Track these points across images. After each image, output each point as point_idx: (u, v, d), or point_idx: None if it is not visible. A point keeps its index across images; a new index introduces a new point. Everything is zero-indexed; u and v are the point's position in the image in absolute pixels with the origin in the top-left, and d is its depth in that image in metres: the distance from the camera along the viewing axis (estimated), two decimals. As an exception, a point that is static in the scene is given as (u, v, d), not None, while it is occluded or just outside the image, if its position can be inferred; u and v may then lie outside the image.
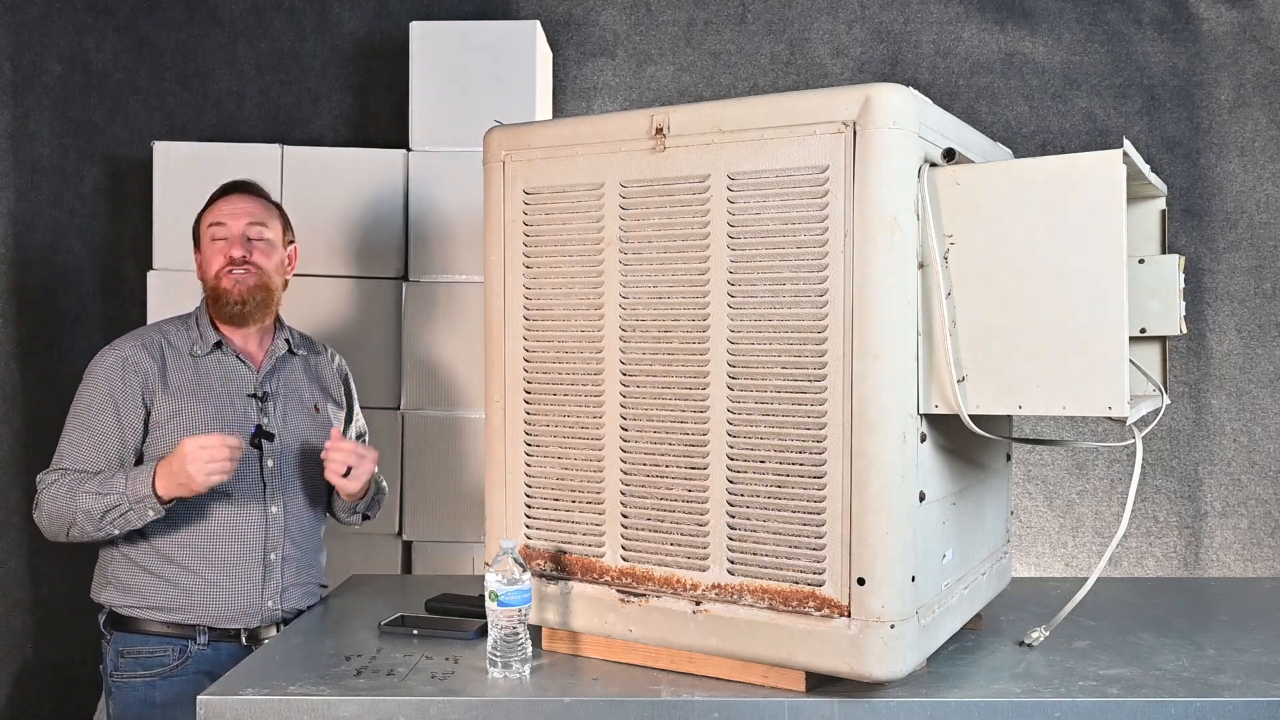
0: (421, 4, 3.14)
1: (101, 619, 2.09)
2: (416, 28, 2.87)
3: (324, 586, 2.23)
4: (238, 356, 2.15)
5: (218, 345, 2.14)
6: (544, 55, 2.99)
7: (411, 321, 2.83)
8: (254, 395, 2.13)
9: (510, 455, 1.72)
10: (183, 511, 2.03)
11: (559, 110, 3.16)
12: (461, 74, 2.84)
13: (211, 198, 2.20)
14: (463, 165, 2.82)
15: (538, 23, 2.88)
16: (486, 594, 1.58)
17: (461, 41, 2.85)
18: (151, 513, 1.92)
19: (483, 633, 1.70)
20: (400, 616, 1.85)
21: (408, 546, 2.85)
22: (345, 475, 2.06)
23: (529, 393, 1.70)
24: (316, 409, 2.21)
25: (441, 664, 1.64)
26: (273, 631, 2.10)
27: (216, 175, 2.29)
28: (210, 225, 2.16)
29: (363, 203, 2.85)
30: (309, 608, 2.13)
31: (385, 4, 3.16)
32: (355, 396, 2.37)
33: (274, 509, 2.10)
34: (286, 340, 2.22)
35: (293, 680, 1.56)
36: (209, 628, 2.05)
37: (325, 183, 2.84)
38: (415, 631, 1.80)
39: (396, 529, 2.81)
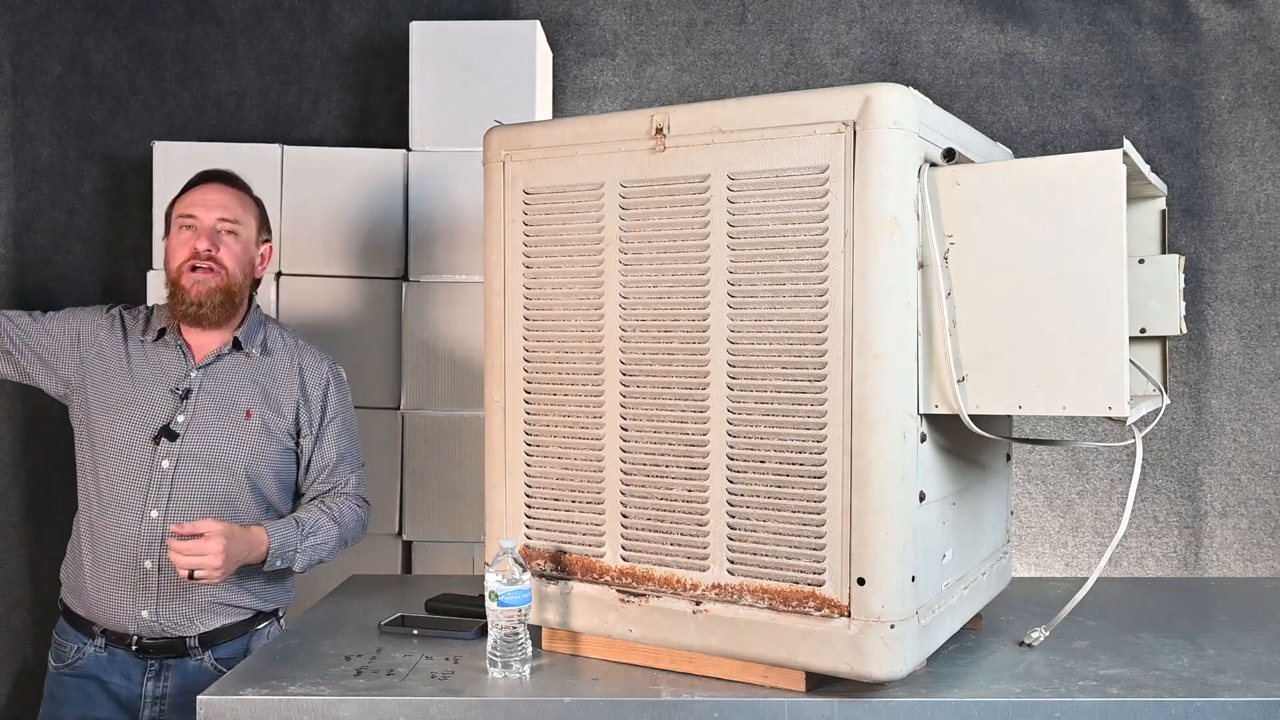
0: (421, 4, 3.14)
1: (59, 599, 2.14)
2: (416, 28, 2.87)
3: (267, 614, 2.11)
4: (180, 348, 2.08)
5: (162, 333, 2.09)
6: (544, 55, 2.99)
7: (411, 321, 2.83)
8: (174, 390, 2.05)
9: (510, 455, 1.72)
10: (88, 499, 2.04)
11: (559, 110, 3.16)
12: (461, 74, 2.84)
13: (187, 185, 2.14)
14: (463, 165, 2.82)
15: (538, 23, 2.88)
16: (486, 594, 1.58)
17: (461, 41, 2.85)
18: None
19: (483, 633, 1.70)
20: (400, 616, 1.85)
21: (408, 546, 2.85)
22: (191, 576, 1.87)
23: (529, 393, 1.70)
24: (249, 414, 2.08)
25: (441, 664, 1.64)
26: (172, 651, 2.02)
27: (216, 175, 2.28)
28: (180, 215, 2.09)
29: (363, 203, 2.85)
30: (220, 628, 2.05)
31: (385, 4, 3.16)
32: (330, 409, 2.17)
33: (154, 513, 1.99)
34: (237, 338, 2.11)
35: (293, 680, 1.56)
36: (103, 630, 2.03)
37: (325, 183, 2.84)
38: (415, 631, 1.79)
39: (396, 529, 2.81)
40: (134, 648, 2.02)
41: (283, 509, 2.15)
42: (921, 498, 1.48)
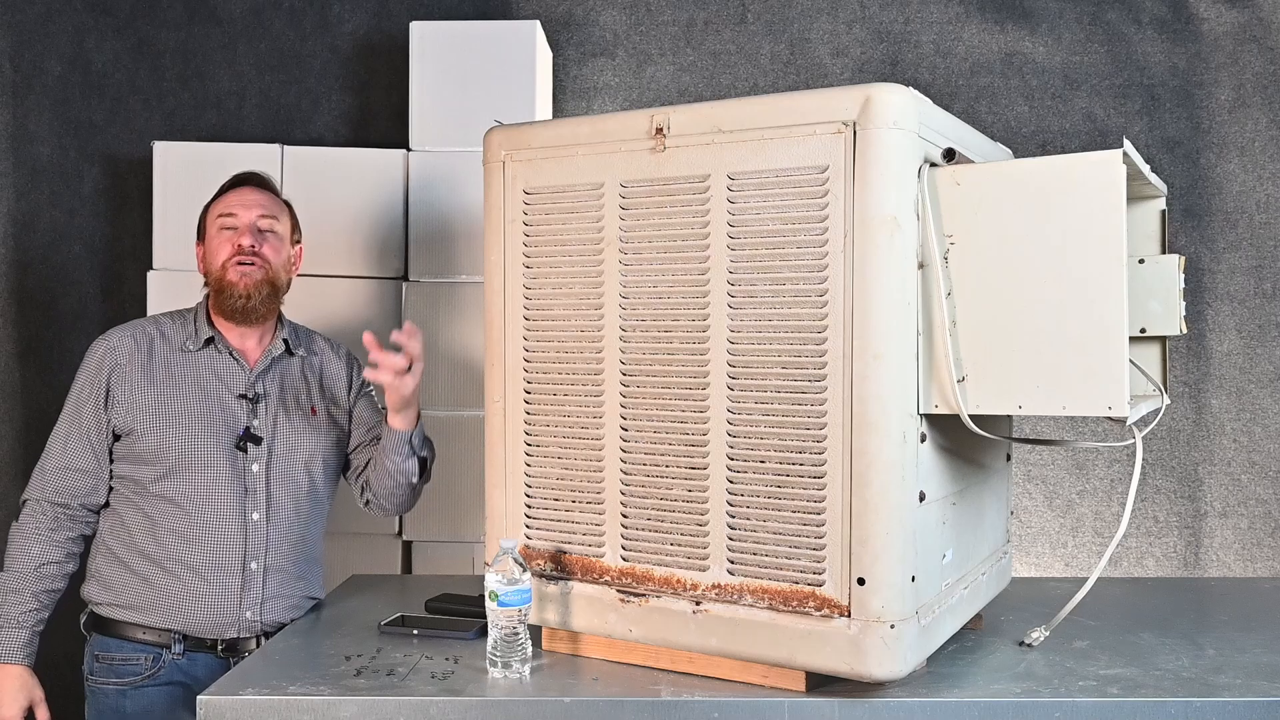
0: (421, 4, 3.14)
1: (83, 619, 2.06)
2: (416, 28, 2.87)
3: (315, 601, 2.13)
4: (231, 354, 2.08)
5: (210, 341, 2.07)
6: (544, 55, 2.99)
7: (411, 321, 2.83)
8: (244, 396, 2.06)
9: (510, 455, 1.72)
10: (165, 510, 1.99)
11: (559, 110, 3.16)
12: (461, 74, 2.84)
13: (221, 189, 2.16)
14: (463, 165, 2.82)
15: (538, 23, 2.88)
16: (486, 594, 1.58)
17: (461, 41, 2.85)
18: None
19: (483, 633, 1.70)
20: (400, 616, 1.85)
21: (408, 546, 2.85)
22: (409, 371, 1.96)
23: (529, 393, 1.70)
24: (314, 411, 2.14)
25: (441, 664, 1.64)
26: (253, 645, 2.02)
27: (216, 175, 2.28)
28: (220, 216, 2.10)
29: (363, 203, 2.85)
30: (293, 621, 2.04)
31: (385, 4, 3.16)
32: (361, 380, 2.24)
33: (256, 516, 2.02)
34: (285, 340, 2.15)
35: (293, 680, 1.56)
36: (184, 636, 1.99)
37: (325, 183, 2.84)
38: (415, 631, 1.80)
39: (396, 529, 2.81)
40: (220, 650, 2.01)
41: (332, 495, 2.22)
42: (921, 498, 1.48)
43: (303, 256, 2.24)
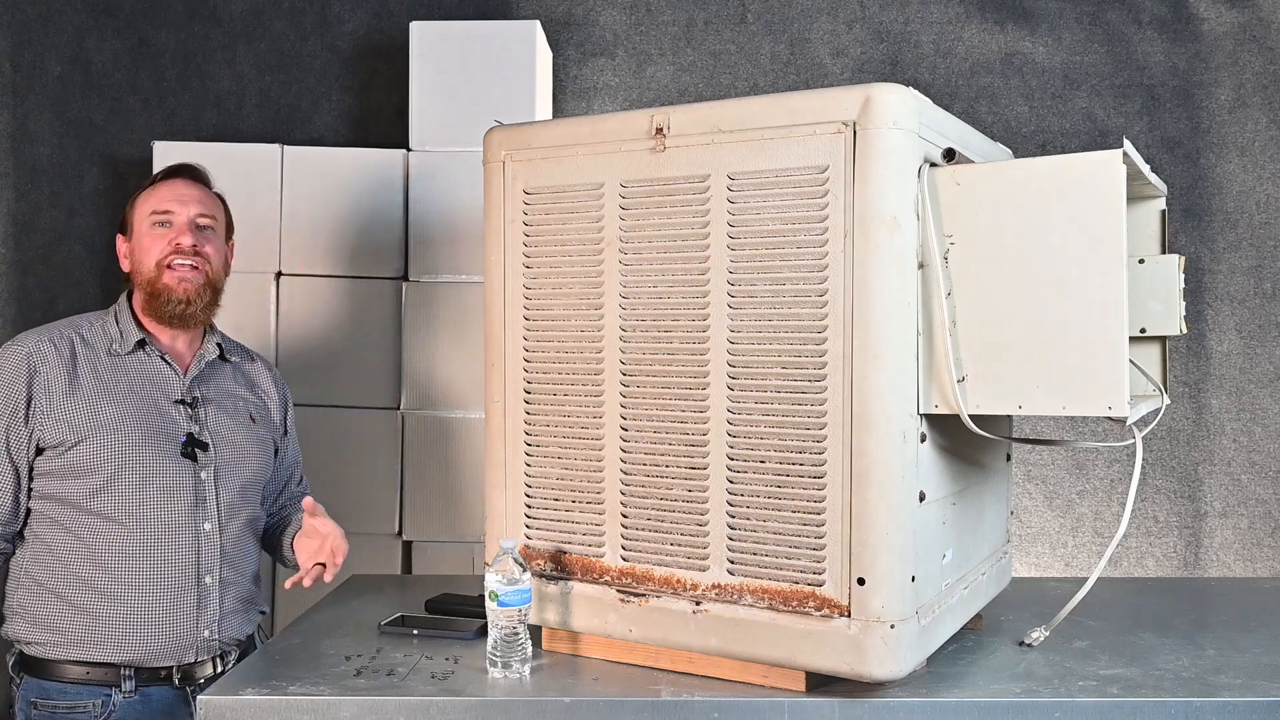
0: (421, 4, 3.15)
1: (11, 660, 1.89)
2: (416, 28, 2.87)
3: (263, 613, 2.06)
4: (163, 357, 1.93)
5: (140, 344, 1.92)
6: (544, 55, 2.99)
7: (411, 321, 2.83)
8: (182, 400, 1.91)
9: (510, 455, 1.72)
10: (102, 529, 1.83)
11: (559, 110, 3.16)
12: (461, 74, 2.84)
13: (151, 180, 2.00)
14: (463, 165, 2.82)
15: (538, 23, 2.88)
16: (486, 594, 1.58)
17: (461, 41, 2.85)
18: None
19: (483, 633, 1.70)
20: (400, 616, 1.85)
21: (408, 546, 2.85)
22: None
23: (529, 393, 1.70)
24: (252, 419, 2.02)
25: (441, 664, 1.64)
26: (209, 669, 1.91)
27: (216, 175, 2.28)
28: (154, 212, 1.93)
29: (363, 203, 2.85)
30: (248, 637, 1.99)
31: (385, 4, 3.16)
32: (290, 409, 2.16)
33: (207, 526, 1.89)
34: (219, 344, 2.02)
35: (293, 680, 1.56)
36: (135, 669, 1.84)
37: (325, 183, 2.84)
38: (415, 631, 1.79)
39: (396, 529, 2.81)
40: (177, 680, 1.88)
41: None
42: (921, 498, 1.48)
43: (234, 254, 2.09)
